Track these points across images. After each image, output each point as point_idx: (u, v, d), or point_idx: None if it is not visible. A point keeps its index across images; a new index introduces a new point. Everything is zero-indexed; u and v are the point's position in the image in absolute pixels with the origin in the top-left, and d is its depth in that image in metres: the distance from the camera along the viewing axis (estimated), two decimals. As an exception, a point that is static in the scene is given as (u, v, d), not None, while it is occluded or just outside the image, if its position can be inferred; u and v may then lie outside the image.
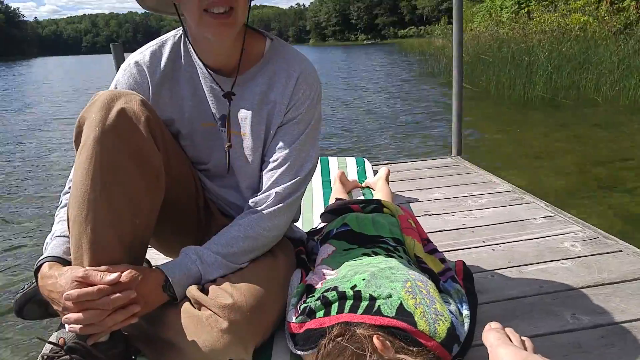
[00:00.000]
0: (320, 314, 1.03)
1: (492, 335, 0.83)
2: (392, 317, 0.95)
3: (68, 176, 1.13)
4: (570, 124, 6.13)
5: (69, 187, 1.09)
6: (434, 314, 0.96)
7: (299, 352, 1.02)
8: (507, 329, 0.85)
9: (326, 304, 1.04)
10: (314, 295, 1.09)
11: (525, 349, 0.83)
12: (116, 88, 1.20)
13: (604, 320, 1.19)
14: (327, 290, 1.07)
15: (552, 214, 1.92)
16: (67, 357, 0.91)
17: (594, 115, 6.56)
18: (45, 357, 0.93)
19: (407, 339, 0.92)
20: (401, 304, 0.98)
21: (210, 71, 1.19)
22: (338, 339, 0.88)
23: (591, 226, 1.77)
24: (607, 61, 8.28)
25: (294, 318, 1.06)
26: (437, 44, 16.01)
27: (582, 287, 1.35)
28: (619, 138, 5.22)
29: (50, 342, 0.94)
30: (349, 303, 1.02)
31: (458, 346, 0.97)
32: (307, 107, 1.20)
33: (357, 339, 0.86)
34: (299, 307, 1.09)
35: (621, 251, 1.55)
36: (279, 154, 1.18)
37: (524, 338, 0.85)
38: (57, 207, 1.17)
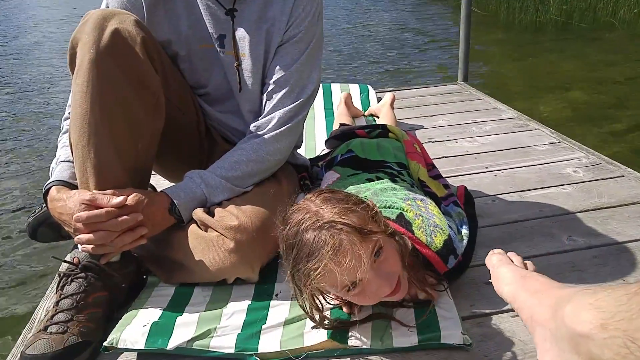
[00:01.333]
0: None
1: (494, 257, 0.85)
2: (392, 220, 0.98)
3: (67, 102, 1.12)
4: (583, 50, 5.92)
5: (69, 113, 1.09)
6: (432, 226, 0.99)
7: None
8: (509, 253, 0.87)
9: None
10: None
11: (527, 269, 0.86)
12: (107, 7, 1.15)
13: (598, 241, 1.22)
14: None
15: (557, 141, 1.91)
16: (82, 274, 0.96)
17: (609, 40, 6.33)
18: (62, 274, 0.97)
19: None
20: (401, 213, 1.01)
21: None
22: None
23: (595, 152, 1.77)
24: (626, -20, 7.85)
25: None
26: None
27: (581, 211, 1.37)
28: (635, 64, 5.07)
29: (65, 261, 0.98)
30: None
31: (454, 259, 0.99)
32: (308, 24, 1.16)
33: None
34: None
35: (623, 176, 1.56)
36: (279, 75, 1.16)
37: (526, 262, 0.87)
38: (60, 133, 1.18)
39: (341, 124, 1.98)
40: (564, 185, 1.54)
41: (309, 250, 0.79)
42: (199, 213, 1.06)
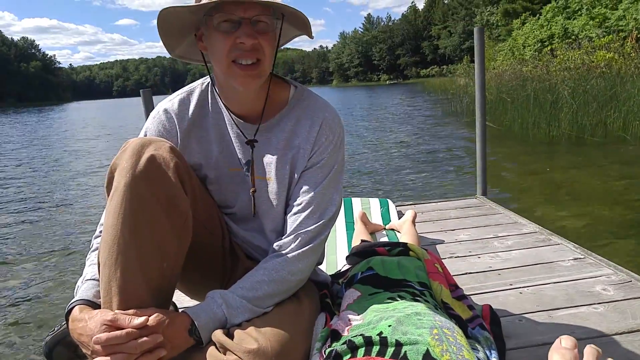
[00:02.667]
0: (347, 357, 1.02)
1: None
2: None
3: (99, 221, 1.17)
4: (598, 162, 6.02)
5: (100, 231, 1.13)
6: None
7: None
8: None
9: (352, 348, 1.03)
10: (339, 341, 1.09)
11: None
12: (145, 135, 1.25)
13: (639, 368, 1.15)
14: (353, 337, 1.06)
15: (582, 256, 1.87)
16: (96, 399, 0.92)
17: (623, 153, 6.44)
18: (74, 400, 0.94)
19: None
20: (428, 350, 0.96)
21: (236, 118, 1.23)
22: None
23: (623, 269, 1.72)
24: (635, 97, 8.15)
25: (319, 361, 1.06)
26: (459, 82, 16.09)
27: (616, 334, 1.30)
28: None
29: (79, 386, 0.96)
30: (375, 348, 1.01)
31: None
32: (330, 151, 1.23)
33: None
34: (324, 351, 1.09)
35: (656, 295, 1.51)
36: (303, 198, 1.20)
37: None
38: (89, 250, 1.22)
39: (362, 240, 1.99)
40: (594, 304, 1.48)
41: None
42: (218, 335, 1.05)
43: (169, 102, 1.27)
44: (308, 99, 1.27)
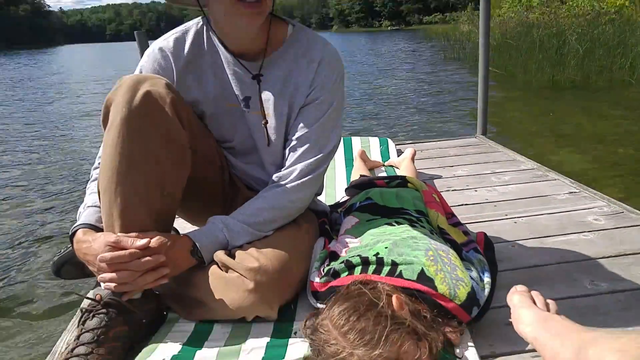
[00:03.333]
0: (344, 275, 1.07)
1: (516, 297, 0.84)
2: (413, 281, 0.98)
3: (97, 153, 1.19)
4: (601, 106, 5.97)
5: (99, 163, 1.15)
6: (454, 279, 0.98)
7: (320, 306, 1.06)
8: (533, 292, 0.87)
9: (350, 267, 1.07)
10: (337, 261, 1.13)
11: (549, 311, 0.85)
12: (141, 72, 1.24)
13: (622, 286, 1.19)
14: (350, 257, 1.10)
15: (577, 190, 1.90)
16: (104, 310, 0.97)
17: (627, 97, 6.37)
18: (83, 310, 0.99)
19: (427, 301, 0.95)
20: (422, 270, 1.00)
21: (235, 56, 1.23)
22: (361, 285, 0.92)
23: (617, 201, 1.76)
24: (643, 43, 7.97)
25: (317, 278, 1.11)
26: (462, 29, 15.66)
27: (603, 257, 1.35)
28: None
29: (88, 298, 1.00)
30: (372, 267, 1.05)
31: (477, 308, 0.99)
32: (330, 89, 1.23)
33: (377, 291, 0.90)
34: (322, 269, 1.13)
35: (646, 224, 1.54)
36: (302, 133, 1.22)
37: (548, 301, 0.86)
38: (89, 180, 1.24)
39: (361, 176, 2.02)
40: (585, 232, 1.52)
41: None
42: (220, 255, 1.09)
43: (164, 41, 1.25)
44: (306, 36, 1.26)
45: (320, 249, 1.24)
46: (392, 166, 2.33)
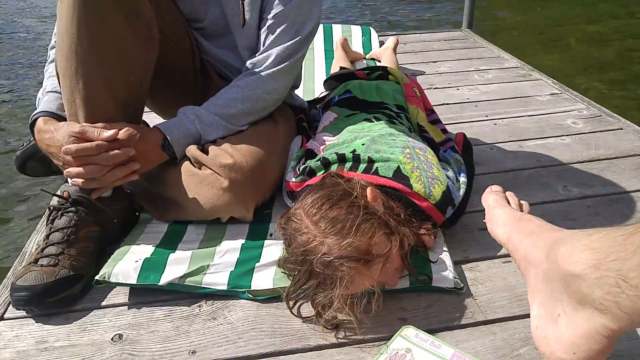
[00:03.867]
0: (320, 173, 1.04)
1: (491, 197, 0.84)
2: (388, 178, 0.97)
3: (52, 30, 1.06)
4: (597, 4, 5.73)
5: (55, 41, 1.03)
6: (430, 177, 0.97)
7: None
8: (507, 193, 0.86)
9: (326, 164, 1.05)
10: (314, 159, 1.10)
11: (522, 211, 0.85)
12: None
13: (593, 192, 1.22)
14: (327, 154, 1.07)
15: (559, 92, 1.87)
16: (72, 208, 0.94)
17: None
18: (52, 208, 0.96)
19: (401, 200, 0.95)
20: (398, 167, 0.99)
21: None
22: (336, 176, 0.90)
23: (596, 104, 1.74)
24: None
25: (293, 178, 1.08)
26: None
27: (577, 162, 1.36)
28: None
29: (55, 195, 0.96)
30: (348, 164, 1.03)
31: (452, 209, 0.99)
32: None
33: (352, 183, 0.88)
34: (299, 168, 1.11)
35: (622, 129, 1.54)
36: (278, 10, 1.10)
37: (522, 202, 0.86)
38: (46, 62, 1.13)
39: (341, 68, 1.92)
40: (562, 136, 1.52)
41: (317, 283, 0.80)
42: (192, 150, 1.04)
43: None
44: None
45: (298, 148, 1.21)
46: (373, 59, 2.23)
